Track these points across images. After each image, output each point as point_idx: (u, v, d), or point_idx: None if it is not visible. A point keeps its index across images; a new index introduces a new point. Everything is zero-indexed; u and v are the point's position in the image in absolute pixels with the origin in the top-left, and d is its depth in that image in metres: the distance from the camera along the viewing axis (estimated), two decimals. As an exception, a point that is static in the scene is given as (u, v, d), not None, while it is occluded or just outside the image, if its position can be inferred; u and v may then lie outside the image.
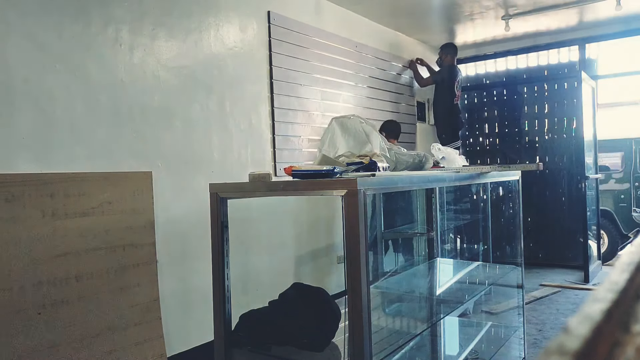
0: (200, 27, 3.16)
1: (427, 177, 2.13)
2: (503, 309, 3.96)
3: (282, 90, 3.76)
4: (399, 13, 4.82)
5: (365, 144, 2.12)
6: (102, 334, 2.45)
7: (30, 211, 2.23)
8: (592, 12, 5.11)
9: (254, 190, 1.86)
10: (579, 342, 0.35)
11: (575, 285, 5.11)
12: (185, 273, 2.98)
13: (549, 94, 6.30)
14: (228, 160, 3.31)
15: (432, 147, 2.81)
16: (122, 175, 2.63)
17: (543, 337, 3.57)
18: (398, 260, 4.49)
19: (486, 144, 6.70)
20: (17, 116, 2.27)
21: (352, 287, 1.48)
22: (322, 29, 4.21)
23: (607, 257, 6.37)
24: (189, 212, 2.99)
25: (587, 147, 5.43)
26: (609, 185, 6.75)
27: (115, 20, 2.68)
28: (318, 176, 1.66)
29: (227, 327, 1.84)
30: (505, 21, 5.12)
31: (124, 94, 2.71)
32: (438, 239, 3.41)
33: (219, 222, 1.83)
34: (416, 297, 2.75)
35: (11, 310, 2.15)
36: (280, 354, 1.79)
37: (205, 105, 3.17)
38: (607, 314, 0.39)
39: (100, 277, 2.48)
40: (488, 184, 4.39)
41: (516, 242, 3.13)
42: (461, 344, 3.24)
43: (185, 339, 2.97)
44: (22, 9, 2.31)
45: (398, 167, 2.21)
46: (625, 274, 0.48)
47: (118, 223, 2.57)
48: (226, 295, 1.85)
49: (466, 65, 6.70)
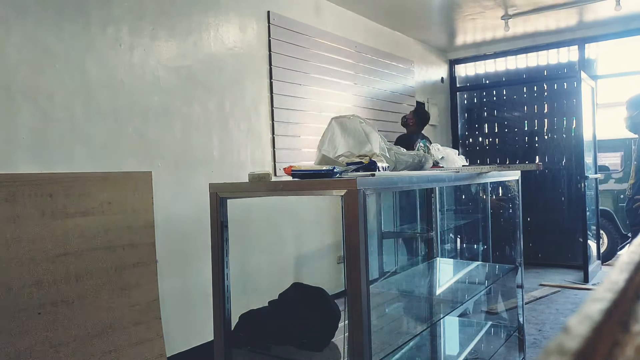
0: (200, 27, 3.16)
1: (427, 177, 2.13)
2: (503, 308, 3.97)
3: (282, 90, 3.76)
4: (399, 13, 4.82)
5: (365, 144, 2.11)
6: (102, 334, 2.45)
7: (30, 211, 2.23)
8: (592, 12, 5.11)
9: (253, 190, 1.86)
10: (579, 342, 0.35)
11: (574, 285, 5.11)
12: (185, 273, 2.98)
13: (549, 94, 6.30)
14: (228, 160, 3.31)
15: (432, 147, 2.81)
16: (122, 175, 2.63)
17: (543, 337, 3.58)
18: (398, 260, 4.49)
19: (486, 144, 6.70)
20: (17, 116, 2.27)
21: (352, 287, 1.48)
22: (322, 29, 4.21)
23: (606, 257, 6.37)
24: (189, 212, 2.99)
25: (586, 147, 5.43)
26: (609, 185, 6.75)
27: (115, 20, 2.68)
28: (318, 176, 1.66)
29: (227, 327, 1.84)
30: (505, 21, 5.13)
31: (124, 94, 2.71)
32: (438, 238, 3.40)
33: (219, 222, 1.83)
34: (416, 297, 2.75)
35: (11, 310, 2.15)
36: (280, 354, 1.79)
37: (205, 105, 3.17)
38: (607, 313, 0.39)
39: (100, 277, 2.48)
40: (488, 184, 4.39)
41: (516, 242, 3.13)
42: (461, 344, 3.24)
43: (185, 339, 2.97)
44: (22, 9, 2.31)
45: (398, 167, 2.21)
46: (625, 273, 0.48)
47: (118, 223, 2.57)
48: (226, 295, 1.85)
49: (466, 65, 6.70)
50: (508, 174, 2.93)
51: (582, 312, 0.39)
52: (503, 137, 6.60)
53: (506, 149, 6.56)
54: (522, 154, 6.43)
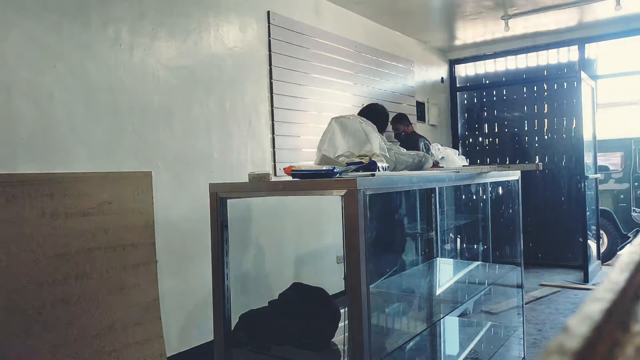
0: (200, 27, 3.16)
1: (427, 177, 2.13)
2: (503, 308, 3.97)
3: (282, 90, 3.76)
4: (398, 13, 4.82)
5: (364, 144, 2.12)
6: (102, 334, 2.45)
7: (30, 211, 2.23)
8: (592, 12, 5.11)
9: (253, 190, 1.86)
10: (579, 342, 0.35)
11: (574, 285, 5.11)
12: (185, 273, 2.98)
13: (549, 94, 6.30)
14: (228, 160, 3.31)
15: (432, 147, 2.81)
16: (122, 175, 2.63)
17: (542, 337, 3.58)
18: (398, 260, 4.49)
19: (486, 144, 6.70)
20: (17, 116, 2.27)
21: (352, 287, 1.48)
22: (321, 29, 4.21)
23: (606, 257, 6.37)
24: (189, 212, 2.99)
25: (586, 147, 5.43)
26: (609, 185, 6.75)
27: (115, 20, 2.68)
28: (318, 176, 1.66)
29: (227, 327, 1.84)
30: (504, 21, 5.12)
31: (124, 94, 2.70)
32: (438, 238, 3.40)
33: (219, 222, 1.83)
34: (416, 297, 2.75)
35: (11, 310, 2.15)
36: (280, 353, 1.79)
37: (205, 105, 3.17)
38: (607, 313, 0.39)
39: (100, 277, 2.48)
40: (488, 184, 4.39)
41: (516, 242, 3.13)
42: (461, 344, 3.24)
43: (185, 339, 2.97)
44: (22, 9, 2.31)
45: (398, 167, 2.21)
46: (625, 273, 0.48)
47: (118, 223, 2.57)
48: (226, 295, 1.85)
49: (466, 65, 6.70)
50: (508, 174, 2.93)
51: (582, 312, 0.39)
52: (503, 137, 6.60)
53: (506, 149, 6.56)
54: (522, 154, 6.43)
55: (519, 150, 6.46)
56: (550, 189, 6.26)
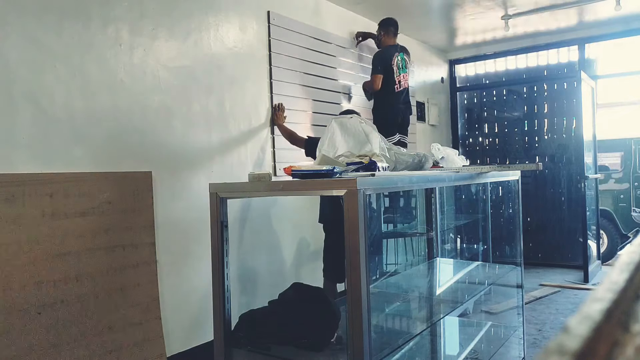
0: (200, 27, 3.16)
1: (427, 177, 2.13)
2: (503, 308, 3.97)
3: (282, 90, 3.76)
4: (399, 13, 4.81)
5: (365, 144, 2.12)
6: (102, 334, 2.45)
7: (30, 211, 2.23)
8: (592, 12, 5.11)
9: (253, 190, 1.86)
10: (579, 342, 0.35)
11: (574, 285, 5.11)
12: (185, 273, 2.98)
13: (549, 94, 6.30)
14: (228, 160, 3.31)
15: (432, 147, 2.81)
16: (122, 175, 2.63)
17: (542, 337, 3.58)
18: (398, 260, 4.50)
19: (486, 144, 6.70)
20: (17, 116, 2.27)
21: (352, 287, 1.48)
22: (321, 29, 4.21)
23: (606, 257, 6.37)
24: (189, 212, 2.99)
25: (586, 147, 5.43)
26: (609, 185, 6.75)
27: (115, 20, 2.68)
28: (318, 176, 1.66)
29: (227, 327, 1.84)
30: (505, 21, 5.13)
31: (124, 94, 2.70)
32: (438, 238, 3.41)
33: (219, 222, 1.84)
34: (416, 297, 2.75)
35: (11, 310, 2.15)
36: (280, 354, 1.79)
37: (205, 105, 3.17)
38: (607, 313, 0.39)
39: (100, 277, 2.48)
40: (488, 184, 4.39)
41: (516, 242, 3.13)
42: (461, 344, 3.24)
43: (185, 339, 2.97)
44: (22, 9, 2.31)
45: (398, 167, 2.21)
46: (625, 273, 0.48)
47: (118, 223, 2.57)
48: (226, 295, 1.85)
49: (466, 65, 6.70)
50: (508, 174, 2.93)
51: (582, 312, 0.39)
52: (503, 137, 6.60)
53: (506, 149, 6.56)
54: (522, 154, 6.43)
55: (519, 150, 6.46)
56: (551, 189, 6.26)
